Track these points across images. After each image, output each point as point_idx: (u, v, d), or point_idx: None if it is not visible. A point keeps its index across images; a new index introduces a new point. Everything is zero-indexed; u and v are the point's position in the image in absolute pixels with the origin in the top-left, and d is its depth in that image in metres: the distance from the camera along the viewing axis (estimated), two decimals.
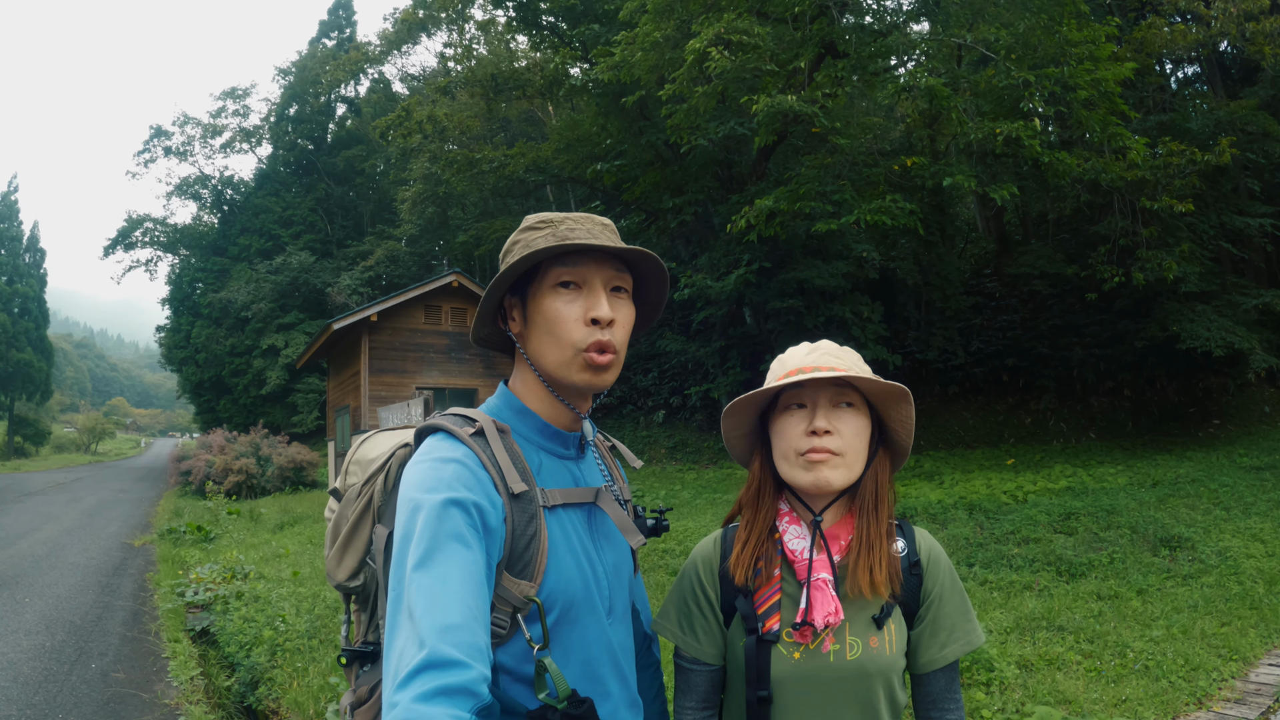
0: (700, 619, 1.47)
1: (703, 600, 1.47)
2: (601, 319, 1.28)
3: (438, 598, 1.01)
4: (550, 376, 1.32)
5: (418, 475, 1.18)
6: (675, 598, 1.52)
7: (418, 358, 19.30)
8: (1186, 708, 4.62)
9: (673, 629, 1.50)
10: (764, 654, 1.37)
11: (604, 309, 1.28)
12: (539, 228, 1.33)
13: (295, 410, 34.75)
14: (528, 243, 1.32)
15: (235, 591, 7.89)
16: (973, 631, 1.45)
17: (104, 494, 22.35)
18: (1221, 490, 9.81)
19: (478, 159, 20.85)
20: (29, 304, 52.45)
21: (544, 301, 1.30)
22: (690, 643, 1.47)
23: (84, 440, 65.20)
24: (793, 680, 1.36)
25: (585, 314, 1.28)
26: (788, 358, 1.46)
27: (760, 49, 11.98)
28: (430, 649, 0.95)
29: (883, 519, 1.42)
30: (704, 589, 1.47)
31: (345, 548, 1.40)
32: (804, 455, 1.38)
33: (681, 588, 1.52)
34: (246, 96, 44.76)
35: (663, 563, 8.70)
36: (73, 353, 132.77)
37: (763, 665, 1.36)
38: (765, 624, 1.38)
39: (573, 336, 1.28)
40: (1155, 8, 15.27)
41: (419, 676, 0.93)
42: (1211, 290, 13.12)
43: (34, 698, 5.22)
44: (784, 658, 1.37)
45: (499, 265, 1.34)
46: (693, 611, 1.48)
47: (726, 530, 1.53)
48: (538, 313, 1.31)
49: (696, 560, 1.51)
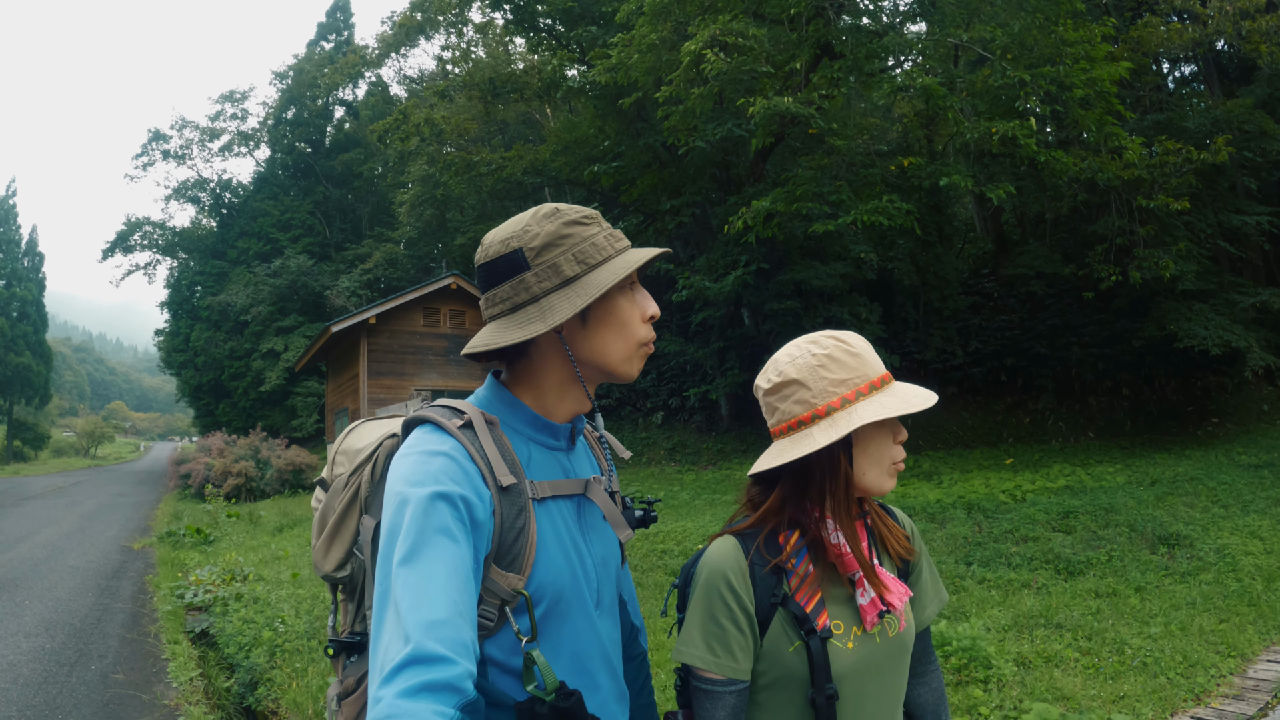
0: (736, 635, 1.37)
1: (738, 613, 1.37)
2: (656, 316, 1.36)
3: (423, 593, 1.01)
4: (611, 371, 1.35)
5: (405, 468, 1.17)
6: (700, 618, 1.39)
7: (416, 360, 19.33)
8: (1185, 704, 4.62)
9: (700, 654, 1.37)
10: (824, 652, 1.35)
11: (656, 307, 1.36)
12: (587, 223, 1.31)
13: (294, 413, 34.73)
14: (595, 240, 1.30)
15: (234, 593, 7.88)
16: (942, 590, 1.59)
17: (103, 498, 22.32)
18: (1220, 488, 9.82)
19: (475, 162, 20.89)
20: (28, 308, 52.41)
21: (615, 302, 1.32)
22: (726, 664, 1.36)
23: (83, 444, 65.13)
24: (851, 672, 1.37)
25: (643, 312, 1.34)
26: (866, 355, 1.42)
27: (756, 50, 12.01)
28: (415, 644, 0.95)
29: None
30: (739, 600, 1.38)
31: (332, 538, 1.40)
32: (896, 464, 1.43)
33: (709, 606, 1.39)
34: (244, 100, 44.77)
35: (660, 563, 8.70)
36: (71, 356, 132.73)
37: (826, 664, 1.35)
38: (817, 622, 1.37)
39: (639, 334, 1.34)
40: (1151, 7, 15.31)
41: (403, 672, 0.93)
42: (1209, 289, 13.15)
43: (34, 699, 5.22)
44: (841, 651, 1.37)
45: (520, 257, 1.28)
46: (726, 629, 1.37)
47: (742, 536, 1.45)
48: (607, 312, 1.31)
49: (724, 572, 1.39)
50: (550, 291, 1.26)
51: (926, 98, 11.52)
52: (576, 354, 1.32)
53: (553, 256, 1.27)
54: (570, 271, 1.26)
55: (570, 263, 1.26)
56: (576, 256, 1.27)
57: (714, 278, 15.28)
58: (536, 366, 1.35)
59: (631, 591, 1.62)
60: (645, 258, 1.30)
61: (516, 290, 1.27)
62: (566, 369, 1.33)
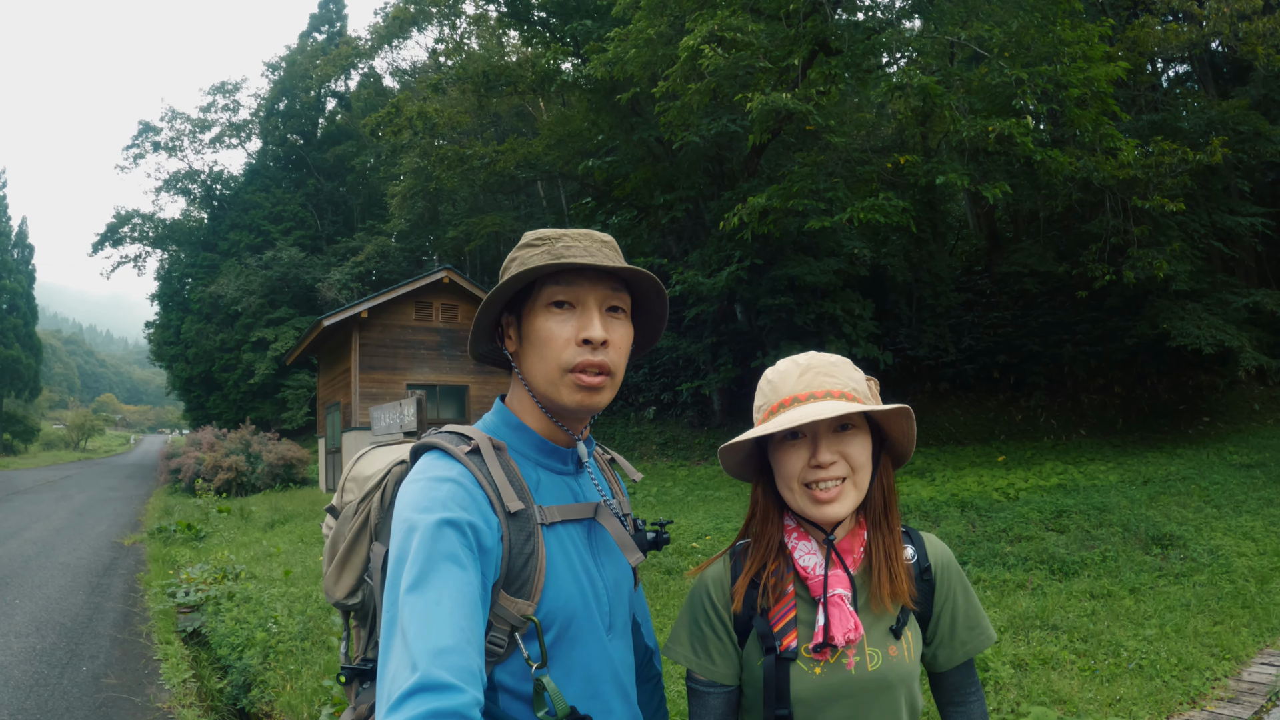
0: (715, 641, 1.44)
1: (715, 622, 1.44)
2: (593, 339, 1.27)
3: (431, 620, 1.01)
4: (541, 396, 1.31)
5: (412, 495, 1.17)
6: (686, 621, 1.49)
7: (408, 354, 19.25)
8: (1180, 707, 4.64)
9: (685, 653, 1.46)
10: (783, 672, 1.36)
11: (595, 329, 1.27)
12: (535, 245, 1.31)
13: (285, 406, 34.68)
14: (523, 260, 1.31)
15: (226, 592, 7.83)
16: (985, 629, 1.49)
17: (93, 492, 22.23)
18: (1212, 488, 9.86)
19: (468, 155, 20.79)
20: (17, 300, 52.10)
21: (537, 320, 1.29)
22: (705, 665, 1.44)
23: (73, 437, 64.79)
24: (815, 696, 1.36)
25: (577, 334, 1.27)
26: (779, 382, 1.40)
27: (754, 46, 11.97)
28: (423, 672, 0.95)
29: (894, 527, 1.43)
30: (716, 610, 1.45)
31: (343, 565, 1.40)
32: (809, 488, 1.36)
33: (693, 610, 1.48)
34: (236, 91, 44.55)
35: (654, 561, 8.69)
36: (61, 349, 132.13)
37: (781, 684, 1.36)
38: (783, 641, 1.37)
39: (562, 356, 1.27)
40: (1148, 6, 15.31)
41: (411, 700, 0.93)
42: (1202, 289, 13.19)
43: (25, 702, 5.18)
44: (804, 674, 1.36)
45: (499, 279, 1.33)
46: (706, 634, 1.45)
47: (734, 549, 1.51)
48: (531, 331, 1.30)
49: (707, 582, 1.48)
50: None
51: (924, 95, 11.50)
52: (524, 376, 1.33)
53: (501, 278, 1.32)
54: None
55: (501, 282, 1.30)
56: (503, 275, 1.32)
57: (707, 273, 15.26)
58: (517, 389, 1.37)
59: (645, 614, 1.62)
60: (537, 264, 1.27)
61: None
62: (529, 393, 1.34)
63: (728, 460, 1.48)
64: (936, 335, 16.71)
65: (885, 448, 1.46)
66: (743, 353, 16.89)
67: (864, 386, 1.42)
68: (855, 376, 1.41)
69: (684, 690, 1.60)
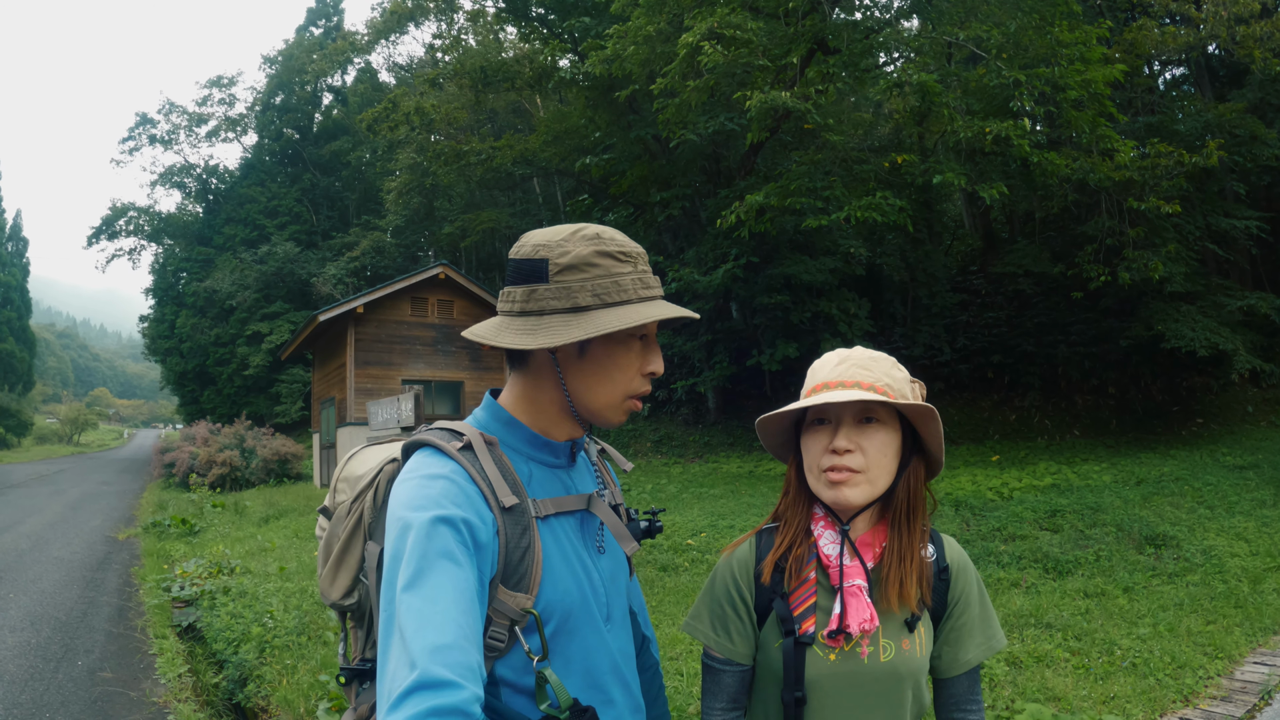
0: (735, 620, 1.47)
1: (738, 601, 1.47)
2: (658, 373, 1.32)
3: (428, 618, 1.00)
4: (585, 409, 1.31)
5: (405, 493, 1.17)
6: (708, 599, 1.52)
7: (404, 350, 19.24)
8: (1174, 705, 4.66)
9: (705, 630, 1.50)
10: (800, 656, 1.39)
11: (661, 364, 1.33)
12: (623, 260, 1.26)
13: (279, 401, 34.62)
14: (619, 281, 1.25)
15: (222, 586, 7.82)
16: (995, 636, 1.50)
17: (87, 486, 22.18)
18: (1205, 489, 9.90)
19: (465, 151, 20.78)
20: (11, 293, 51.96)
21: (615, 347, 1.28)
22: (724, 643, 1.47)
23: (66, 431, 64.66)
24: (828, 682, 1.39)
25: (644, 366, 1.30)
26: (818, 369, 1.46)
27: (753, 44, 11.97)
28: (421, 670, 0.95)
29: (915, 529, 1.44)
30: (739, 589, 1.48)
31: (338, 566, 1.39)
32: (825, 472, 1.39)
33: (714, 589, 1.52)
34: (232, 85, 44.47)
35: (650, 557, 8.70)
36: (55, 343, 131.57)
37: (799, 667, 1.39)
38: (801, 625, 1.40)
39: (630, 386, 1.30)
40: (1146, 9, 15.35)
41: (411, 698, 0.93)
42: (1196, 291, 13.23)
43: (20, 696, 5.17)
44: (820, 659, 1.39)
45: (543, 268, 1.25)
46: (726, 613, 1.48)
47: (762, 532, 1.54)
48: (605, 355, 1.28)
49: (731, 561, 1.52)
50: (557, 312, 1.23)
51: (922, 94, 11.52)
52: (568, 383, 1.30)
53: (572, 280, 1.24)
54: (583, 301, 1.23)
55: (585, 293, 1.23)
56: (595, 289, 1.24)
57: (703, 271, 15.27)
58: (533, 381, 1.33)
59: (641, 602, 1.63)
60: (664, 314, 1.25)
61: (529, 298, 1.25)
62: (560, 395, 1.31)
63: (765, 437, 1.53)
64: (931, 335, 16.75)
65: (918, 453, 1.47)
66: (738, 351, 16.91)
67: (903, 385, 1.44)
68: (894, 374, 1.43)
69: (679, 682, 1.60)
